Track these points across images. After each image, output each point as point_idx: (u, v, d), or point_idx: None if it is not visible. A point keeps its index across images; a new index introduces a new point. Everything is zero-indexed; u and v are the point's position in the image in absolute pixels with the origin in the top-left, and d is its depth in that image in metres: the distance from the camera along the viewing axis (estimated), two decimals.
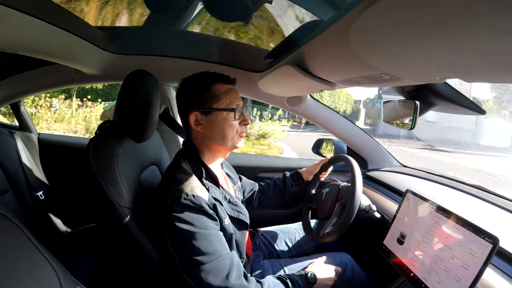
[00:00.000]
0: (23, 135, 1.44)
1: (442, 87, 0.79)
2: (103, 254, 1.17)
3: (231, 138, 0.83)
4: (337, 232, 0.91)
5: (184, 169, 0.80)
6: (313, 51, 0.67)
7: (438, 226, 0.72)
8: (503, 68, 0.35)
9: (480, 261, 0.59)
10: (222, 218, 0.77)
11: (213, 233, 0.73)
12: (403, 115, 0.90)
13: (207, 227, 0.72)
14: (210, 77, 0.83)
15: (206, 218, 0.73)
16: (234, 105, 0.82)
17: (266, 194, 1.17)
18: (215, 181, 0.82)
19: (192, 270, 0.70)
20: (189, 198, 0.71)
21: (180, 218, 0.71)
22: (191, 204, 0.71)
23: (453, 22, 0.28)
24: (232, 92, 0.84)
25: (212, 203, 0.75)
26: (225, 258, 0.72)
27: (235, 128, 0.83)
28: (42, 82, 1.36)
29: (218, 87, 0.82)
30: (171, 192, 0.74)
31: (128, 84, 0.89)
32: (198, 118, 0.82)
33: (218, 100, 0.81)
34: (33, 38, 0.76)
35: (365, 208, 1.00)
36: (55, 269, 0.47)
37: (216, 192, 0.80)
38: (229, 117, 0.82)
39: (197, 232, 0.70)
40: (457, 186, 1.07)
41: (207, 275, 0.69)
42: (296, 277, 0.83)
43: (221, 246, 0.73)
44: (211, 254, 0.70)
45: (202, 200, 0.72)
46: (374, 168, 1.41)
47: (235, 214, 0.84)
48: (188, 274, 0.71)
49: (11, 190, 1.14)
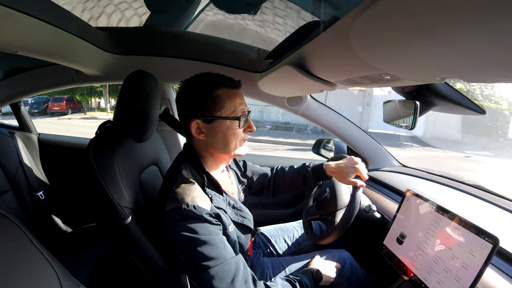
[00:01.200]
0: (23, 135, 1.44)
1: (442, 87, 0.79)
2: (103, 254, 1.17)
3: (235, 146, 0.79)
4: (335, 234, 0.91)
5: (185, 176, 0.76)
6: (313, 51, 0.67)
7: (438, 226, 0.72)
8: (503, 68, 0.36)
9: (480, 261, 0.59)
10: (226, 225, 0.75)
11: (217, 238, 0.71)
12: (403, 115, 0.90)
13: (210, 233, 0.70)
14: (213, 81, 0.77)
15: (209, 224, 0.71)
16: (239, 112, 0.77)
17: (281, 187, 1.07)
18: (218, 188, 0.79)
19: (198, 274, 0.69)
20: (189, 209, 0.69)
21: (182, 227, 0.69)
22: (192, 214, 0.69)
23: (453, 22, 0.28)
24: (237, 98, 0.78)
25: (215, 213, 0.73)
26: (230, 263, 0.71)
27: (239, 136, 0.78)
28: (42, 82, 1.36)
29: (222, 92, 0.76)
30: (172, 201, 0.71)
31: (128, 85, 0.89)
32: (200, 126, 0.77)
33: (222, 107, 0.75)
34: (33, 38, 0.76)
35: (365, 208, 1.00)
36: (55, 269, 0.47)
37: (219, 200, 0.77)
38: (233, 125, 0.76)
39: (201, 239, 0.69)
40: (457, 186, 1.07)
41: (212, 279, 0.68)
42: (304, 278, 0.82)
43: (225, 250, 0.72)
44: (216, 258, 0.69)
45: (204, 211, 0.70)
46: (374, 168, 1.41)
47: (239, 220, 0.82)
48: (194, 278, 0.70)
49: (11, 190, 1.14)
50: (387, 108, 0.98)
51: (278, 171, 1.10)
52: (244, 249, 0.87)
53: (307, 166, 1.04)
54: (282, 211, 1.50)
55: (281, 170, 1.09)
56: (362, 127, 1.42)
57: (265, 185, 1.08)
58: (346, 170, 0.94)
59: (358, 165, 0.93)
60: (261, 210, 1.45)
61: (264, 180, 1.08)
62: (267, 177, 1.09)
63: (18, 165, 1.21)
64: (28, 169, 1.25)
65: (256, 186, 1.08)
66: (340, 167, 0.96)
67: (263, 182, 1.08)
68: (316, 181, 1.04)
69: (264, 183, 1.08)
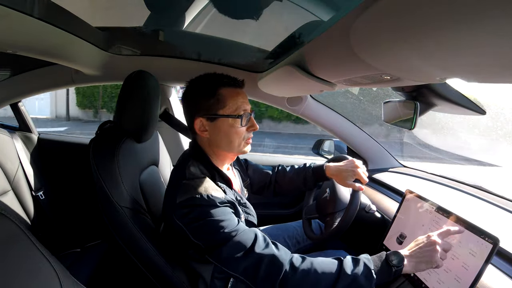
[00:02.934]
0: (23, 135, 1.44)
1: (442, 87, 0.79)
2: (103, 254, 1.17)
3: (238, 144, 0.80)
4: (334, 235, 0.91)
5: (194, 171, 0.77)
6: (313, 51, 0.67)
7: (438, 227, 0.72)
8: (503, 68, 0.35)
9: (480, 261, 0.59)
10: (240, 215, 0.76)
11: (232, 217, 0.70)
12: (403, 115, 0.90)
13: (225, 214, 0.69)
14: (217, 80, 0.79)
15: (223, 208, 0.70)
16: (241, 111, 0.78)
17: (282, 186, 1.08)
18: (228, 183, 0.80)
19: (216, 249, 0.67)
20: (203, 197, 0.69)
21: (196, 212, 0.68)
22: (206, 203, 0.69)
23: (453, 22, 0.28)
24: (240, 96, 0.79)
25: (229, 201, 0.73)
26: (248, 232, 0.69)
27: (241, 134, 0.79)
28: (42, 83, 1.36)
29: (225, 91, 0.78)
30: (183, 192, 0.71)
31: (128, 85, 0.89)
32: (204, 123, 0.78)
33: (224, 106, 0.77)
34: (33, 38, 0.76)
35: (365, 208, 1.00)
36: (55, 269, 0.47)
37: (230, 194, 0.78)
38: (235, 124, 0.78)
39: (216, 219, 0.67)
40: (457, 186, 1.07)
41: (231, 250, 0.66)
42: (364, 257, 0.68)
43: (240, 225, 0.70)
44: (233, 230, 0.67)
45: (217, 199, 0.70)
46: (374, 168, 1.41)
47: (244, 216, 0.82)
48: (212, 255, 0.68)
49: (11, 190, 1.14)
50: (387, 108, 0.98)
51: (279, 170, 1.10)
52: None
53: (307, 167, 1.04)
54: (282, 211, 1.50)
55: (282, 169, 1.10)
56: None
57: (266, 184, 1.09)
58: (345, 174, 0.93)
59: (358, 169, 0.92)
60: (261, 210, 1.45)
61: (265, 179, 1.09)
62: (268, 176, 1.09)
63: (18, 165, 1.20)
64: (28, 169, 1.25)
65: (257, 184, 1.09)
66: (340, 170, 0.95)
67: (264, 181, 1.09)
68: (316, 182, 1.04)
69: (265, 182, 1.09)
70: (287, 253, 0.69)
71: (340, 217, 0.93)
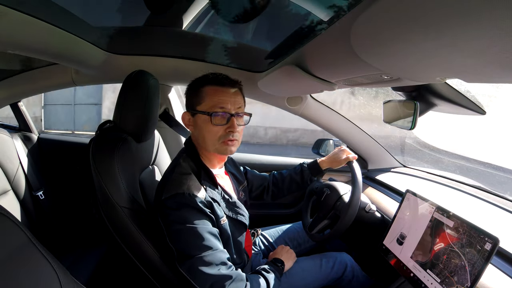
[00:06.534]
0: (23, 135, 1.44)
1: (442, 87, 0.79)
2: (103, 254, 1.17)
3: (212, 144, 0.79)
4: (332, 236, 0.92)
5: (183, 167, 0.80)
6: (313, 51, 0.67)
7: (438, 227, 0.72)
8: (503, 68, 0.35)
9: (480, 261, 0.59)
10: (218, 216, 0.78)
11: (207, 229, 0.73)
12: (403, 115, 0.90)
13: (201, 223, 0.72)
14: (206, 78, 0.81)
15: (201, 215, 0.73)
16: (216, 109, 0.77)
17: (281, 189, 1.12)
18: (213, 181, 0.82)
19: (186, 262, 0.71)
20: (184, 196, 0.72)
21: (175, 215, 0.72)
22: (186, 202, 0.72)
23: (453, 22, 0.28)
24: (219, 94, 0.77)
25: (208, 201, 0.76)
26: (218, 253, 0.72)
27: (215, 133, 0.78)
28: (42, 82, 1.36)
29: (208, 88, 0.79)
30: (168, 189, 0.75)
31: (128, 84, 0.89)
32: (189, 118, 0.83)
33: (201, 102, 0.79)
34: (33, 38, 0.76)
35: (365, 208, 1.00)
36: (55, 269, 0.47)
37: (213, 192, 0.80)
38: (208, 121, 0.77)
39: (192, 227, 0.71)
40: (457, 187, 1.07)
41: (200, 266, 0.69)
42: (267, 266, 0.85)
43: (215, 242, 0.73)
44: (205, 248, 0.70)
45: (197, 199, 0.73)
46: (374, 168, 1.41)
47: (233, 215, 0.84)
48: (182, 266, 0.71)
49: (11, 190, 1.14)
50: (387, 108, 0.98)
51: (275, 174, 1.16)
52: (240, 247, 0.87)
53: (302, 164, 1.14)
54: (282, 211, 1.50)
55: (278, 173, 1.16)
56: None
57: (265, 188, 1.13)
58: (336, 156, 1.08)
59: (343, 148, 1.09)
60: (261, 210, 1.45)
61: (263, 183, 1.13)
62: (266, 180, 1.14)
63: (18, 165, 1.20)
64: (28, 169, 1.25)
65: (256, 190, 1.12)
66: (332, 156, 1.10)
67: (263, 186, 1.13)
68: (313, 176, 1.12)
69: (264, 187, 1.13)
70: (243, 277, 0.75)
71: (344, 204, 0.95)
